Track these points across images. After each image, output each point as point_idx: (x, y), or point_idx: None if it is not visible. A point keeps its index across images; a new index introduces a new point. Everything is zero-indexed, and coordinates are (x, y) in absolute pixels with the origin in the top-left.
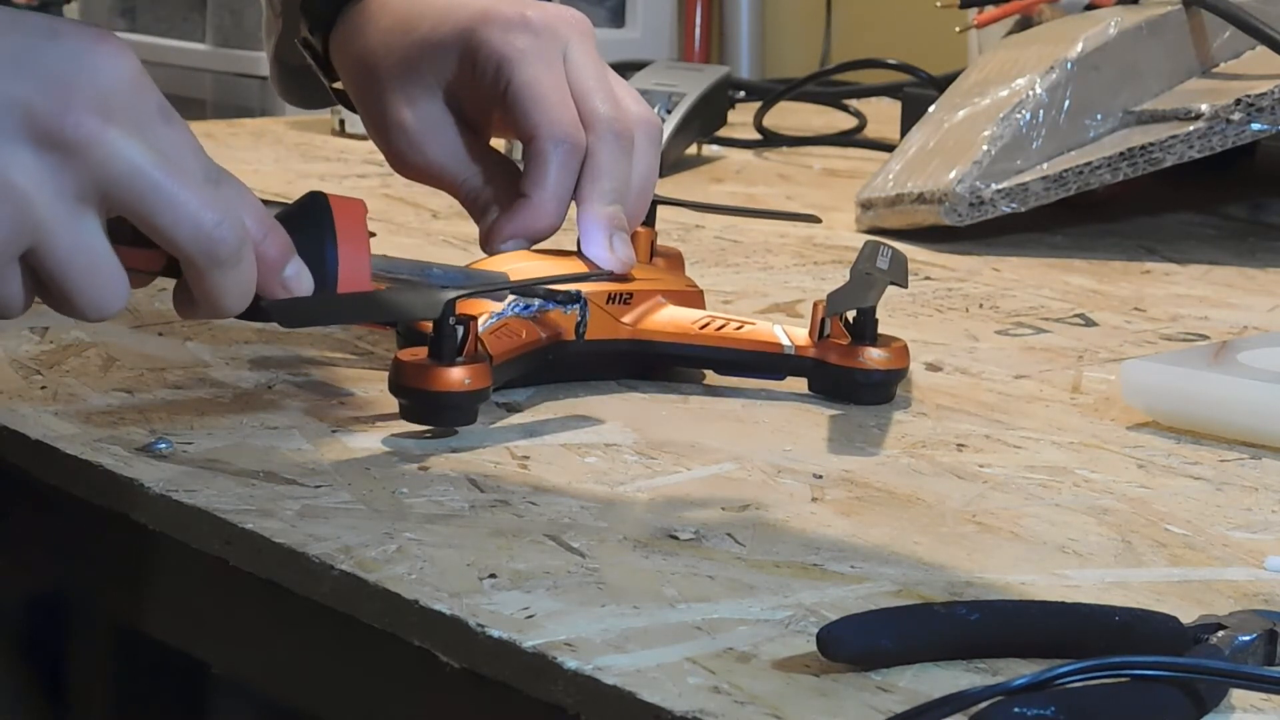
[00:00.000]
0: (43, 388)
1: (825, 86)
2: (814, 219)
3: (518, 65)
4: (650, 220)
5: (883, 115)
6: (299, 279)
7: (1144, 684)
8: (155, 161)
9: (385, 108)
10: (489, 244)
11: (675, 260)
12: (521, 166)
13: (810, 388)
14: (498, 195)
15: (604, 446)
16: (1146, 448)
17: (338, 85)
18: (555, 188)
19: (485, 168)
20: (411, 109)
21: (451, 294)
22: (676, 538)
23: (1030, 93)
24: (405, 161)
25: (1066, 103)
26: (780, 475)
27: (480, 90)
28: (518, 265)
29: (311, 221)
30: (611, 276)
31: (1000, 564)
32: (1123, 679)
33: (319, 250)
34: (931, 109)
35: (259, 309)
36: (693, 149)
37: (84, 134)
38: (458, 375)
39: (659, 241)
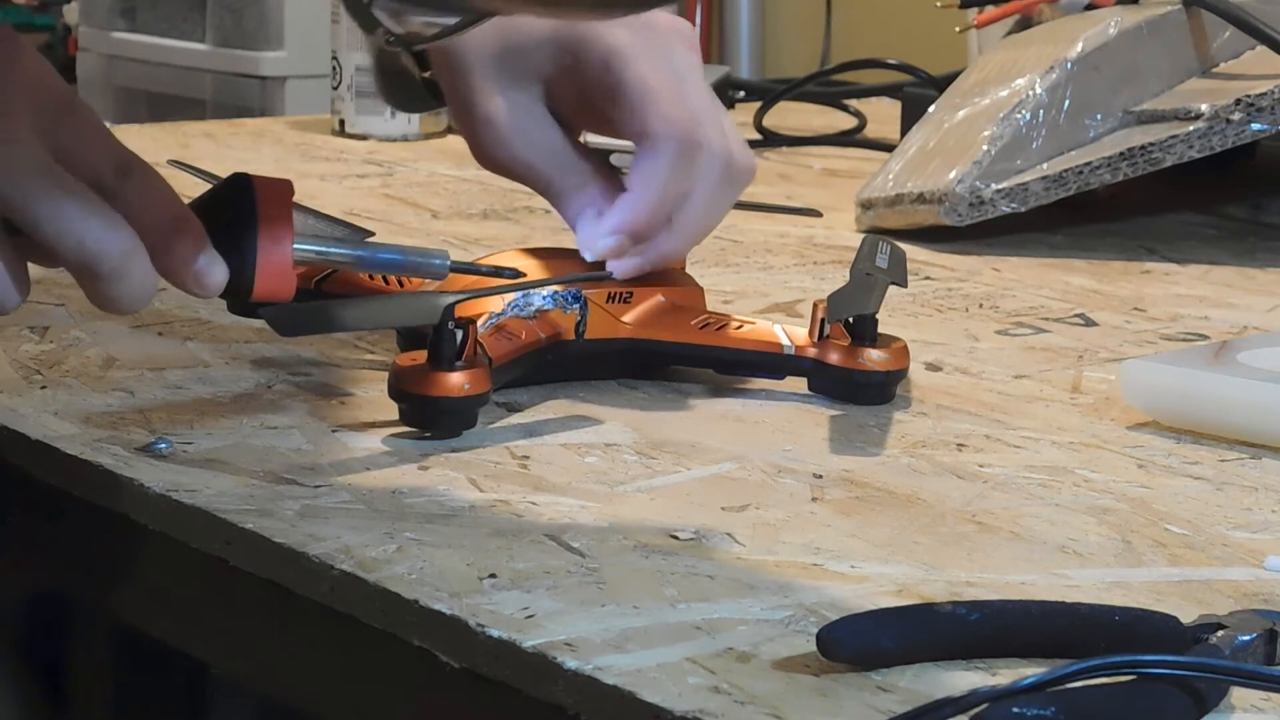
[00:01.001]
0: (43, 388)
1: (825, 86)
2: (814, 213)
3: (630, 60)
4: None
5: (883, 115)
6: (210, 272)
7: (1144, 684)
8: (40, 170)
9: (474, 97)
10: (587, 242)
11: None
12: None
13: (810, 387)
14: (592, 195)
15: (604, 446)
16: (1146, 448)
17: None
18: (666, 185)
19: (578, 165)
20: (503, 99)
21: (450, 298)
22: (676, 538)
23: (1030, 93)
24: (490, 156)
25: (1066, 103)
26: (780, 475)
27: (584, 84)
28: (511, 266)
29: (232, 206)
30: (608, 276)
31: (1000, 564)
32: (1125, 678)
33: (238, 236)
34: (931, 109)
35: (256, 312)
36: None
37: None
38: (457, 380)
39: None
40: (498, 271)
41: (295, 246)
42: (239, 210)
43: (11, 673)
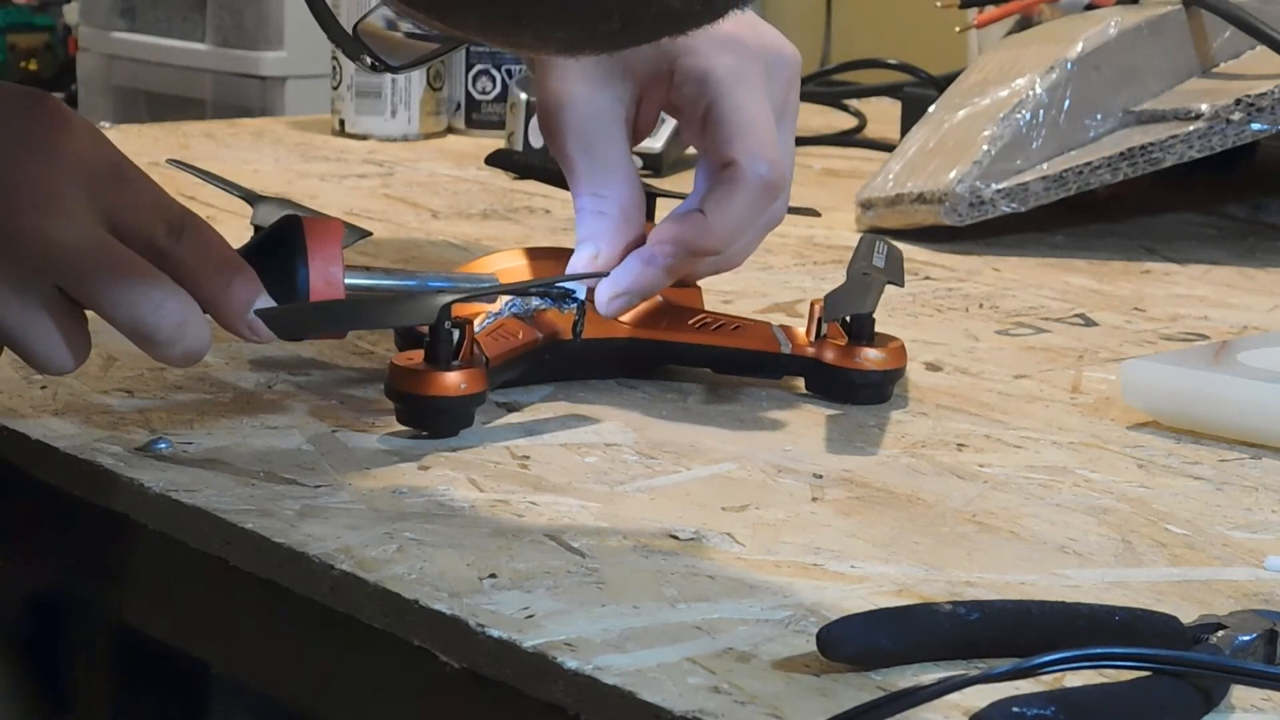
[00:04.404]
0: (43, 388)
1: (825, 86)
2: (814, 213)
3: (725, 87)
4: (650, 214)
5: (883, 115)
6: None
7: (1144, 682)
8: (92, 244)
9: (552, 74)
10: (597, 297)
11: None
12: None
13: (807, 387)
14: (601, 229)
15: (604, 446)
16: (1146, 448)
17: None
18: (739, 215)
19: (613, 190)
20: (580, 89)
21: (447, 298)
22: (676, 538)
23: (1030, 93)
24: (544, 133)
25: (1066, 103)
26: (780, 475)
27: (679, 100)
28: (511, 265)
29: (283, 248)
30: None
31: (1000, 564)
32: (1125, 667)
33: (290, 279)
34: (931, 109)
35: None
36: (693, 149)
37: (20, 228)
38: (453, 380)
39: None
40: (548, 294)
41: (346, 281)
42: (290, 252)
43: (11, 673)
